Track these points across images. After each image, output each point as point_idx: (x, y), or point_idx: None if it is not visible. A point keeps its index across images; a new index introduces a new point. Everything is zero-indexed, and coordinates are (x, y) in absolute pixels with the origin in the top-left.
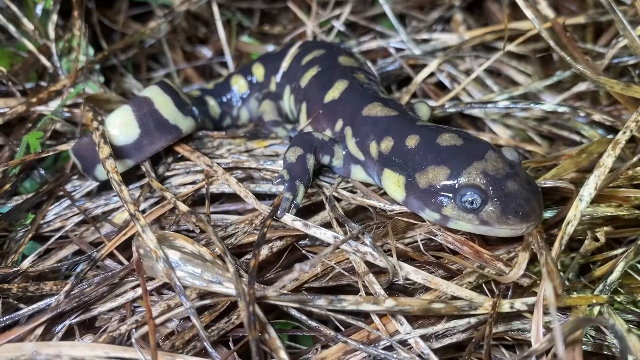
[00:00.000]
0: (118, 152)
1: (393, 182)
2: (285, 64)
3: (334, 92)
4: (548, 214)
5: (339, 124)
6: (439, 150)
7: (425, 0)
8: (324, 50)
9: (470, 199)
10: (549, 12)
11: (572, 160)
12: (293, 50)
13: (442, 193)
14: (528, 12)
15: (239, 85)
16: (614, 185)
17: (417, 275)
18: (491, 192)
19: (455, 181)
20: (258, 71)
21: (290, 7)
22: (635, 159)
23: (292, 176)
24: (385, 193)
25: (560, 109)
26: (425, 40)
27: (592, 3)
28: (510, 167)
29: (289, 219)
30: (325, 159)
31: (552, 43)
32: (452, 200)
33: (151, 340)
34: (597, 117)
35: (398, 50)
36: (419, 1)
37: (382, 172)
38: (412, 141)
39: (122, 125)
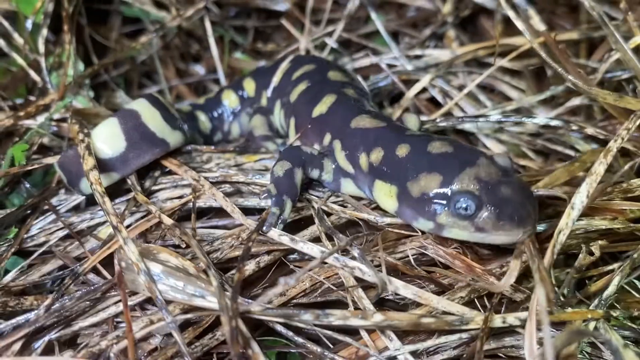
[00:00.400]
0: (104, 165)
1: (385, 193)
2: (276, 79)
3: (322, 107)
4: (541, 227)
5: (327, 138)
6: (430, 158)
7: (418, 17)
8: (315, 65)
9: (464, 205)
10: (542, 27)
11: (565, 168)
12: (284, 65)
13: (435, 201)
14: (519, 24)
15: (230, 100)
16: (607, 197)
17: (406, 290)
18: (485, 197)
19: (448, 188)
20: (249, 86)
21: (283, 24)
22: (627, 166)
23: (280, 191)
24: (377, 207)
25: (553, 123)
26: (418, 57)
27: (585, 19)
28: (503, 172)
29: (275, 233)
30: (315, 173)
31: (544, 55)
32: (445, 208)
33: (130, 355)
34: (590, 130)
35: (390, 66)
36: (412, 19)
37: (373, 183)
38: (402, 150)
39: (108, 137)
